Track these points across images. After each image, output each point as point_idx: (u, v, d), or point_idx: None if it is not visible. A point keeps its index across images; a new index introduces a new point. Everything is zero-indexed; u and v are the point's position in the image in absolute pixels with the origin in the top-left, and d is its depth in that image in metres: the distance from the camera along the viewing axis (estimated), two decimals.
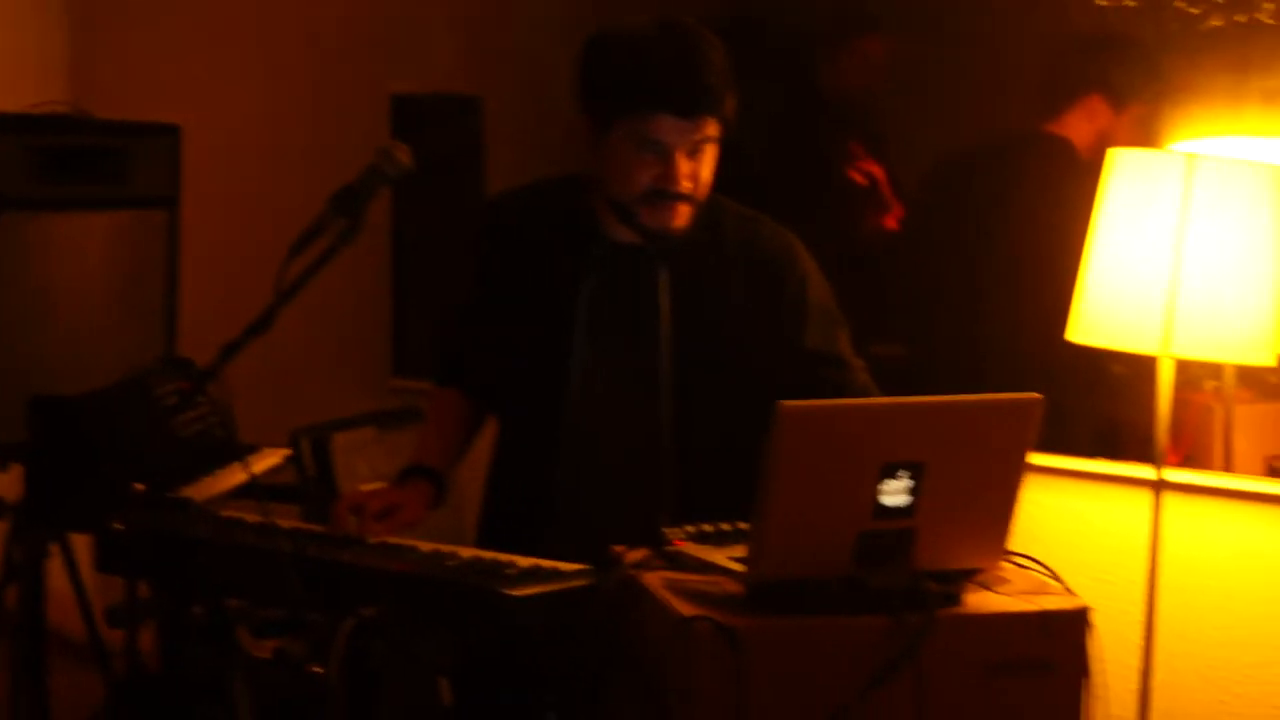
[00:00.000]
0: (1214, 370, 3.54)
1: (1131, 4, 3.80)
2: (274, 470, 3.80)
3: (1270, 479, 3.52)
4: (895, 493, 2.44)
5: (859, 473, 2.43)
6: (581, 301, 3.07)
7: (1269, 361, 3.19)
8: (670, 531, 2.69)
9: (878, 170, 4.20)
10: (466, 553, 2.82)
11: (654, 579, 2.57)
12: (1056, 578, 2.67)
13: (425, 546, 2.84)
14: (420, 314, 4.88)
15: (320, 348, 4.93)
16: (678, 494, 3.00)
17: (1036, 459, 3.47)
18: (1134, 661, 3.38)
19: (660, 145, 2.94)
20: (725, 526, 2.72)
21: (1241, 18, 3.60)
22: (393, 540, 2.90)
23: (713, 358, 3.04)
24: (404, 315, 4.93)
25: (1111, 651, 3.51)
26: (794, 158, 4.30)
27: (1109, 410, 3.82)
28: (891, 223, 4.20)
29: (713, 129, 2.97)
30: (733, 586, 2.51)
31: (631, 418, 3.05)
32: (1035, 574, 2.68)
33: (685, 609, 2.43)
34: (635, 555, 2.66)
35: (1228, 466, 3.57)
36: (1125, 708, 3.39)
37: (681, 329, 3.03)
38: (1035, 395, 2.49)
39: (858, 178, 4.19)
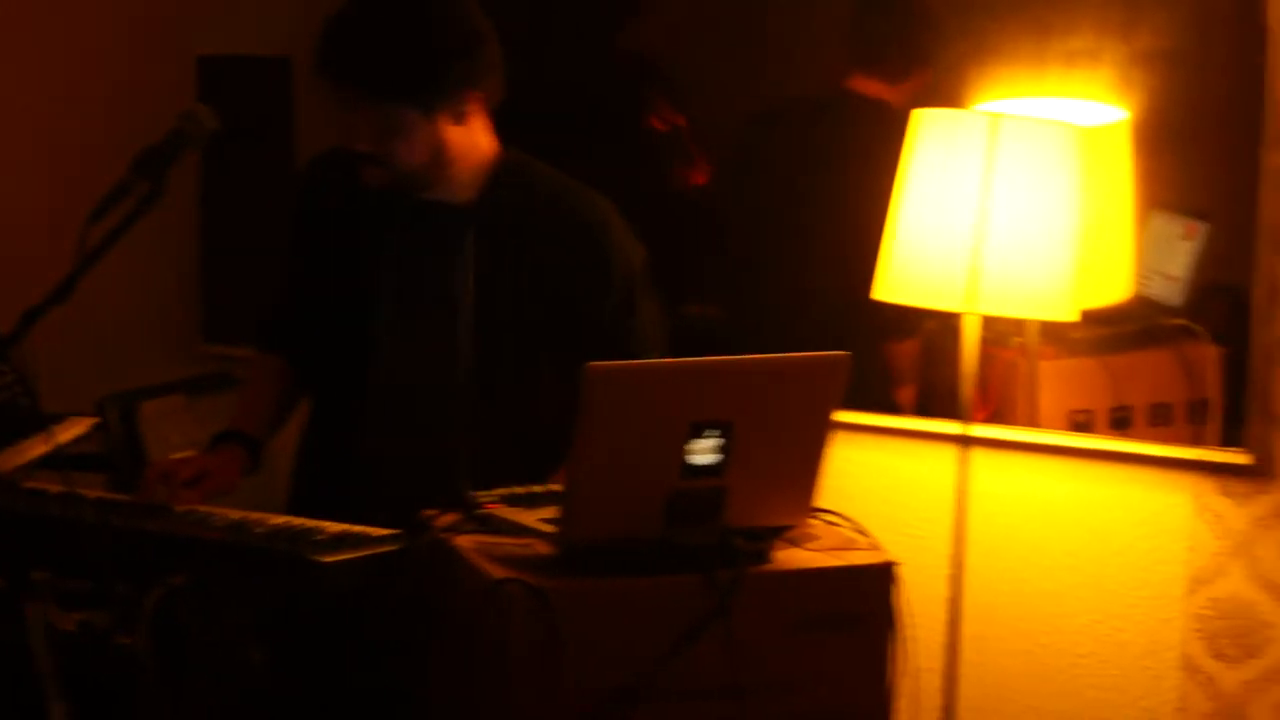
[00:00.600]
0: (1019, 326, 3.60)
1: None
2: (80, 439, 3.72)
3: (1074, 433, 3.59)
4: (704, 452, 2.46)
5: (668, 433, 2.44)
6: (388, 262, 3.04)
7: (1072, 316, 3.26)
8: (481, 494, 2.68)
9: (680, 121, 4.21)
10: (276, 519, 2.79)
11: (465, 542, 2.56)
12: (864, 533, 2.70)
13: (234, 513, 2.81)
14: (229, 279, 4.81)
15: (127, 314, 4.83)
16: (481, 457, 2.98)
17: (845, 416, 3.51)
18: (942, 614, 3.44)
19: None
20: (537, 489, 2.72)
21: None
22: (201, 508, 2.86)
23: (515, 321, 3.03)
24: (213, 281, 4.85)
25: (920, 605, 3.56)
26: (596, 110, 4.29)
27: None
28: (699, 178, 4.20)
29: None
30: (544, 548, 2.51)
31: (435, 380, 3.03)
32: (843, 530, 2.72)
33: (496, 571, 2.43)
34: (446, 519, 2.65)
35: (1033, 421, 3.63)
36: (934, 660, 3.45)
37: (485, 292, 3.02)
38: (842, 353, 2.52)
39: (658, 124, 4.20)
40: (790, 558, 2.57)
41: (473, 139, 3.03)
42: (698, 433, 2.45)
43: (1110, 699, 3.58)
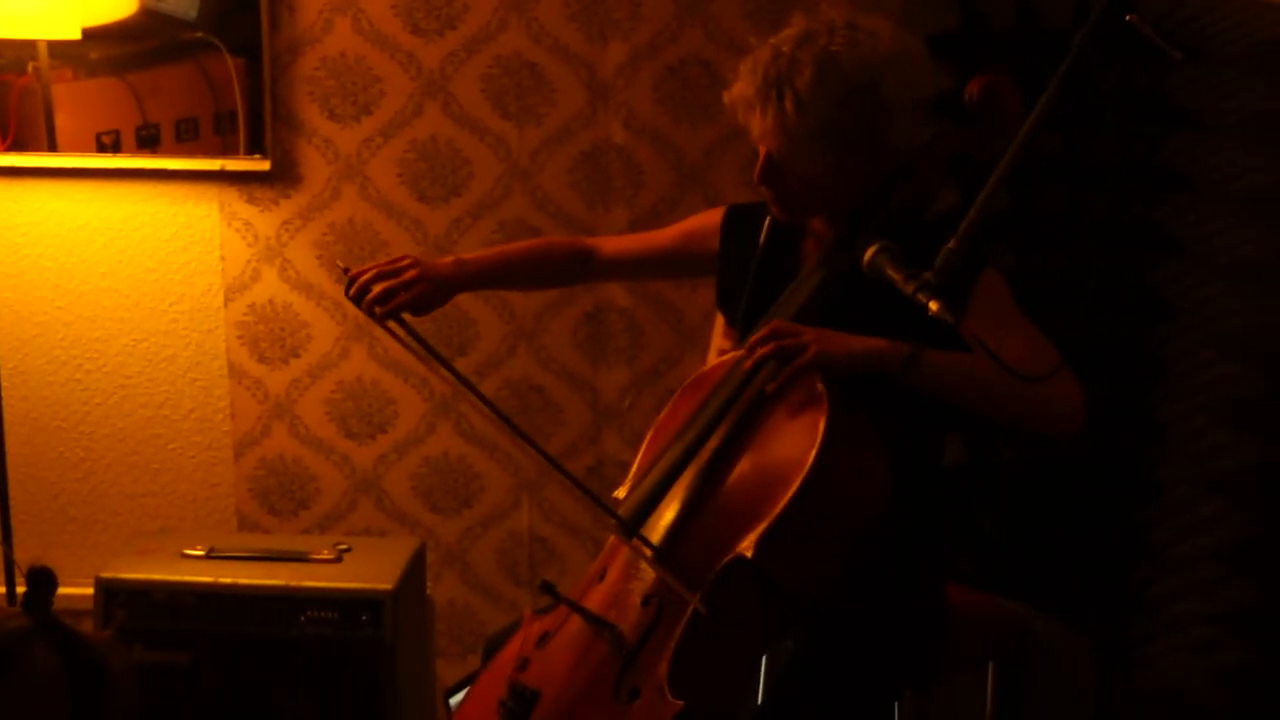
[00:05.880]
0: (33, 49, 3.49)
1: None
2: None
3: (98, 155, 3.53)
4: None
5: None
6: None
7: (72, 34, 3.20)
8: None
9: None
10: None
11: None
12: None
13: None
14: None
15: None
16: None
17: None
18: None
19: None
20: None
21: None
22: None
23: None
24: None
25: None
26: None
27: None
28: None
29: None
30: None
31: None
32: None
33: None
34: None
35: (54, 147, 3.54)
36: None
37: None
38: None
39: None
40: None
41: None
42: None
43: (164, 415, 3.62)
